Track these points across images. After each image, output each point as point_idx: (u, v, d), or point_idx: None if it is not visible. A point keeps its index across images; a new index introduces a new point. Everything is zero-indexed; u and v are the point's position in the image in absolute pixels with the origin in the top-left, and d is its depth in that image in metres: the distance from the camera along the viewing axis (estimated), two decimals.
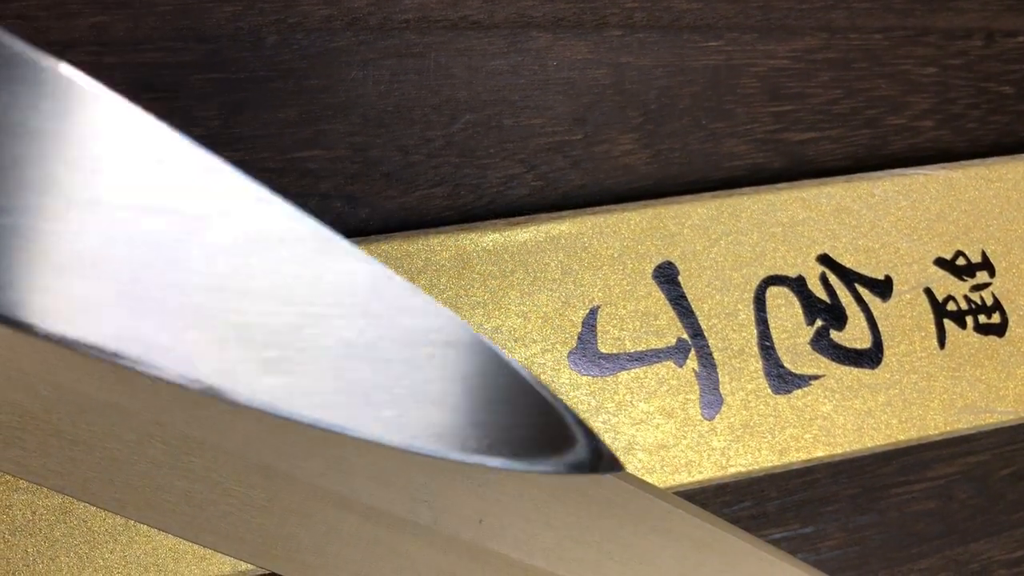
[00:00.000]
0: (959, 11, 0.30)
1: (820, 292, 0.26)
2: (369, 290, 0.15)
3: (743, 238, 0.26)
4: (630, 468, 0.24)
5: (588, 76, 0.27)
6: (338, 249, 0.14)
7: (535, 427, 0.16)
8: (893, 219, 0.27)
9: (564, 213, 0.25)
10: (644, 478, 0.24)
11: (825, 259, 0.26)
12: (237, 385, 0.14)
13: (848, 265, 0.26)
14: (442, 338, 0.15)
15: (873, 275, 0.26)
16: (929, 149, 0.30)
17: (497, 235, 0.24)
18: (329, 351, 0.14)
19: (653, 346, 0.24)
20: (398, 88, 0.26)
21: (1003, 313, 0.27)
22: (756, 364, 0.25)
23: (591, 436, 0.16)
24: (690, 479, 0.25)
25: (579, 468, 0.16)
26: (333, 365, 0.15)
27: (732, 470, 0.25)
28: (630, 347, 0.24)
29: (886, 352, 0.26)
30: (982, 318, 0.27)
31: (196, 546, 0.22)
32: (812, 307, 0.26)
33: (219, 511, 0.20)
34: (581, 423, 0.16)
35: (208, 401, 0.18)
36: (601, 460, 0.16)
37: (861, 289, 0.26)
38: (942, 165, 0.28)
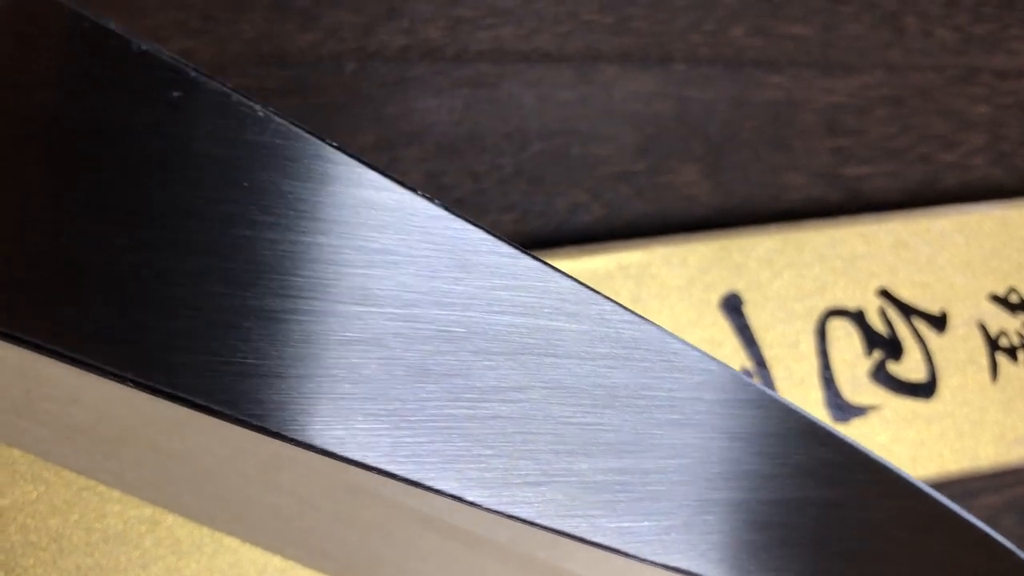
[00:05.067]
0: (1012, 53, 0.31)
1: (879, 325, 0.27)
2: (761, 429, 0.15)
3: (806, 271, 0.26)
4: None
5: (653, 108, 0.28)
6: (751, 393, 0.15)
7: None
8: (949, 255, 0.27)
9: (634, 242, 0.26)
10: None
11: (884, 293, 0.27)
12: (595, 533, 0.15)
13: (906, 299, 0.27)
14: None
15: (929, 310, 0.27)
16: (981, 186, 0.30)
17: (571, 263, 0.25)
18: (696, 497, 0.15)
19: None
20: (471, 117, 0.27)
21: None
22: (817, 394, 0.26)
23: None
24: None
25: None
26: (720, 525, 0.15)
27: None
28: None
29: (940, 384, 0.27)
30: None
31: (278, 559, 0.22)
32: (871, 339, 0.26)
33: (305, 525, 0.20)
34: None
35: None
36: None
37: (918, 323, 0.27)
38: (995, 202, 0.29)
